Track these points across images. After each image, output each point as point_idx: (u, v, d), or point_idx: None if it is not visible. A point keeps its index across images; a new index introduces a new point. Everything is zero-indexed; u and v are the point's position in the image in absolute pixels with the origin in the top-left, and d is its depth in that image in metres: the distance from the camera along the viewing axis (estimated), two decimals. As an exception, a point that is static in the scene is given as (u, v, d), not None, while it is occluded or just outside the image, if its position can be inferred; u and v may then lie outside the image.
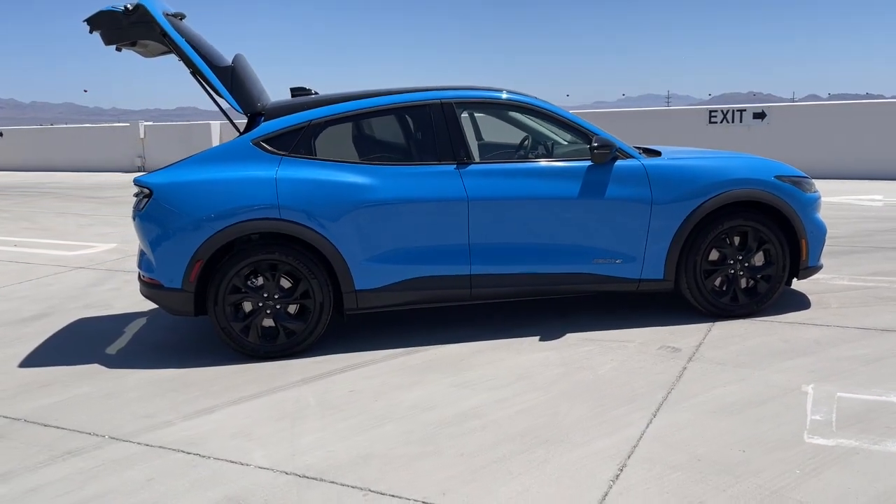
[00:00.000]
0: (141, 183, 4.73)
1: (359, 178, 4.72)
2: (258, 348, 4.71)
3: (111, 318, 5.91)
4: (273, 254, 4.64)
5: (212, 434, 3.67)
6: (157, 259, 4.67)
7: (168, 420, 3.87)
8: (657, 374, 4.20)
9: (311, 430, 3.68)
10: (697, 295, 5.08)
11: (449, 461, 3.29)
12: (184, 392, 4.25)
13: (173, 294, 4.67)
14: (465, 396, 4.01)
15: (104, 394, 4.28)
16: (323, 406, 3.97)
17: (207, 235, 4.57)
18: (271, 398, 4.11)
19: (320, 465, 3.30)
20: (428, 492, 3.03)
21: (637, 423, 3.59)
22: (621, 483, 3.04)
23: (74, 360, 4.89)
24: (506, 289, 4.93)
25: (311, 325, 4.73)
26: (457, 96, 4.96)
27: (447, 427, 3.64)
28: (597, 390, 4.02)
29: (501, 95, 5.08)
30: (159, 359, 4.83)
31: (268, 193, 4.62)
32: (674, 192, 4.94)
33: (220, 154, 4.77)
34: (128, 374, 4.60)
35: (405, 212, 4.72)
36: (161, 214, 4.62)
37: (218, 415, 3.92)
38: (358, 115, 4.93)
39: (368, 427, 3.68)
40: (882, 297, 5.57)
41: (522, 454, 3.32)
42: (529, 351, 4.68)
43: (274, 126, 4.80)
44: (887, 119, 12.82)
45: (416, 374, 4.36)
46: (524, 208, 4.84)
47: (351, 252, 4.69)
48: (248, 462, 3.36)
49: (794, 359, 4.35)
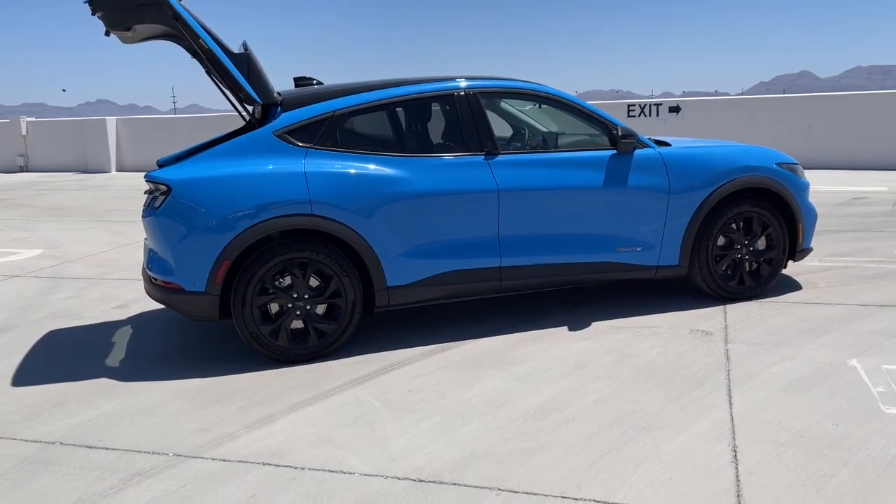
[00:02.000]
0: (156, 179, 4.36)
1: (389, 171, 4.55)
2: (288, 351, 4.46)
3: (89, 329, 5.43)
4: (304, 251, 4.40)
5: (290, 444, 3.44)
6: (178, 261, 4.32)
7: (230, 432, 3.60)
8: (705, 357, 4.29)
9: (394, 433, 3.52)
10: (709, 279, 5.23)
11: (561, 455, 3.22)
12: (226, 402, 3.96)
13: (196, 298, 4.34)
14: (532, 390, 3.94)
15: (136, 409, 3.93)
16: (390, 407, 3.80)
17: (235, 234, 4.28)
18: (328, 403, 3.90)
19: (430, 468, 3.15)
20: (561, 486, 2.96)
21: (719, 405, 3.65)
22: (744, 464, 3.07)
23: (74, 375, 4.45)
24: (534, 280, 4.90)
25: (342, 326, 4.53)
26: (481, 86, 4.88)
27: (534, 421, 3.57)
28: (658, 375, 4.06)
29: (526, 85, 5.04)
30: (173, 369, 4.49)
31: (298, 188, 4.37)
32: (689, 180, 5.06)
33: (241, 147, 4.47)
34: (147, 386, 4.24)
35: (438, 204, 4.60)
36: (182, 213, 4.28)
37: (281, 423, 3.67)
38: (382, 104, 4.75)
39: (454, 426, 3.55)
40: (858, 275, 5.94)
41: (629, 443, 3.31)
42: (566, 341, 4.67)
43: (296, 117, 4.55)
44: (793, 112, 13.70)
45: (466, 371, 4.26)
46: (552, 198, 4.83)
47: (383, 247, 4.52)
48: (350, 470, 3.17)
49: (820, 336, 4.56)
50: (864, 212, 8.95)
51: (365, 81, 4.91)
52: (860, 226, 8.04)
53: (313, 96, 4.66)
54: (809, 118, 13.36)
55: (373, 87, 4.77)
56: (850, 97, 13.82)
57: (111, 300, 6.14)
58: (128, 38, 4.93)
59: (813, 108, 13.62)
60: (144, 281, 4.69)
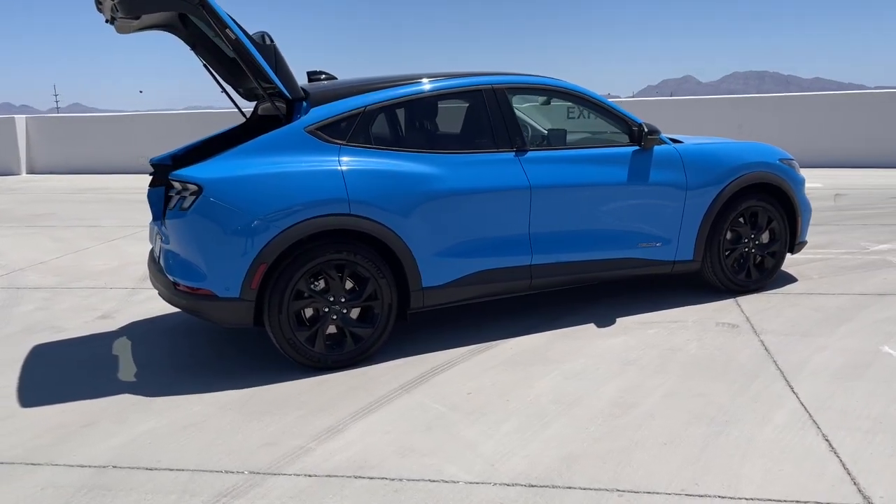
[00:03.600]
0: (184, 178, 4.06)
1: (424, 168, 4.42)
2: (326, 358, 4.25)
3: (79, 343, 5.03)
4: (341, 253, 4.20)
5: (372, 454, 3.27)
6: (210, 265, 4.04)
7: (300, 445, 3.38)
8: (744, 349, 4.37)
9: (476, 437, 3.40)
10: (720, 273, 5.34)
11: (659, 452, 3.19)
12: (279, 413, 3.73)
13: (230, 304, 4.07)
14: (593, 388, 3.90)
15: (182, 425, 3.64)
16: (459, 412, 3.67)
17: (272, 235, 4.04)
18: (390, 409, 3.74)
19: (535, 473, 3.06)
20: (678, 484, 2.93)
21: (786, 396, 3.71)
22: (843, 452, 3.12)
23: (89, 392, 4.10)
24: (563, 277, 4.86)
25: (379, 329, 4.36)
26: (508, 81, 4.81)
27: (614, 419, 3.52)
28: (709, 369, 4.09)
29: (553, 82, 5.00)
30: (200, 380, 4.20)
31: (336, 186, 4.17)
32: (704, 176, 5.15)
33: (272, 144, 4.23)
34: (182, 400, 3.95)
35: (472, 202, 4.50)
36: (214, 213, 4.01)
37: (351, 433, 3.49)
38: (412, 100, 4.60)
39: (535, 428, 3.46)
40: (841, 266, 6.20)
41: (720, 437, 3.31)
42: (600, 338, 4.65)
43: (327, 113, 4.35)
44: (682, 113, 14.35)
45: (516, 370, 4.18)
46: (580, 194, 4.81)
47: (419, 247, 4.38)
48: (452, 479, 3.04)
49: (840, 325, 4.72)
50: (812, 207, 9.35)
51: (388, 76, 4.75)
52: (817, 220, 8.37)
53: (341, 91, 4.46)
54: (702, 120, 13.98)
55: (398, 81, 4.61)
56: (746, 100, 14.65)
57: (88, 311, 5.71)
58: (129, 26, 4.60)
59: (700, 110, 14.38)
60: (162, 287, 4.36)
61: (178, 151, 5.17)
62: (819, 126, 13.57)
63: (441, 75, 4.75)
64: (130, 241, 8.44)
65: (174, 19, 4.83)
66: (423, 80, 4.65)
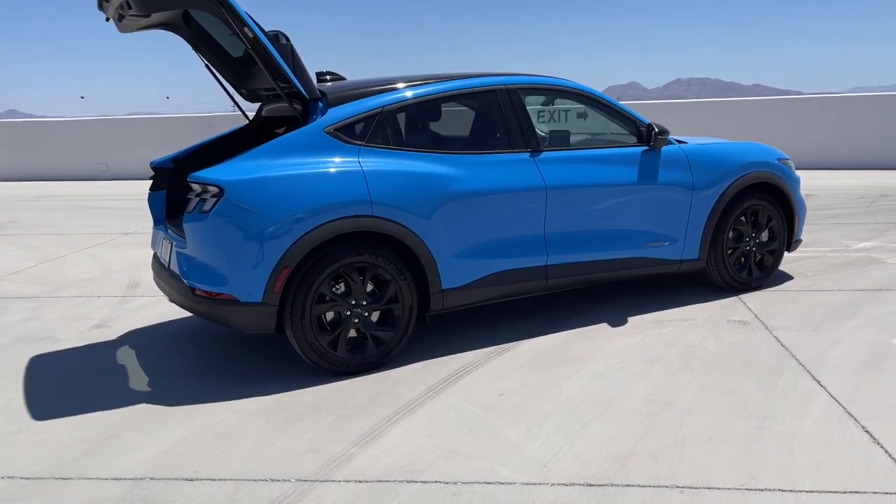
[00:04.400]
0: (205, 180, 3.94)
1: (444, 169, 4.38)
2: (348, 362, 4.18)
3: (79, 353, 4.85)
4: (363, 255, 4.14)
5: (419, 458, 3.21)
6: (232, 269, 3.94)
7: (342, 451, 3.31)
8: (762, 345, 4.43)
9: (520, 439, 3.37)
10: (724, 271, 5.42)
11: (708, 448, 3.20)
12: (311, 420, 3.65)
13: (252, 309, 3.97)
14: (624, 386, 3.91)
15: (212, 434, 3.53)
16: (494, 413, 3.64)
17: (295, 238, 3.96)
18: (424, 412, 3.68)
19: (589, 472, 3.04)
20: (735, 479, 2.94)
21: (815, 389, 3.77)
22: (886, 443, 3.17)
23: (104, 403, 3.96)
24: (576, 277, 4.87)
25: (400, 332, 4.30)
26: (521, 81, 4.81)
27: (653, 417, 3.53)
28: (733, 365, 4.14)
29: (564, 83, 5.01)
30: (218, 388, 4.09)
31: (358, 188, 4.11)
32: (709, 175, 5.22)
33: (291, 145, 4.14)
34: (206, 409, 3.83)
35: (491, 202, 4.48)
36: (237, 216, 3.91)
37: (391, 437, 3.43)
38: (429, 100, 4.57)
39: (577, 428, 3.45)
40: (831, 264, 6.35)
41: (763, 431, 3.34)
42: (616, 337, 4.67)
43: (346, 113, 4.28)
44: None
45: (541, 371, 4.16)
46: (593, 194, 4.83)
47: (439, 249, 4.34)
48: (507, 480, 3.00)
49: (847, 320, 4.82)
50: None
51: (399, 76, 4.70)
52: (795, 219, 8.59)
53: (357, 92, 4.40)
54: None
55: (413, 82, 4.57)
56: (689, 104, 15.05)
57: (81, 320, 5.52)
58: (133, 25, 4.48)
59: (644, 114, 14.71)
60: (175, 293, 4.23)
61: (180, 154, 5.05)
62: (756, 130, 13.85)
63: (453, 76, 4.73)
64: (106, 249, 8.21)
65: (177, 18, 4.71)
66: (437, 81, 4.62)
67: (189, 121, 16.12)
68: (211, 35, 4.84)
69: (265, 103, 5.14)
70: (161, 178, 4.97)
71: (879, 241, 7.25)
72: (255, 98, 5.19)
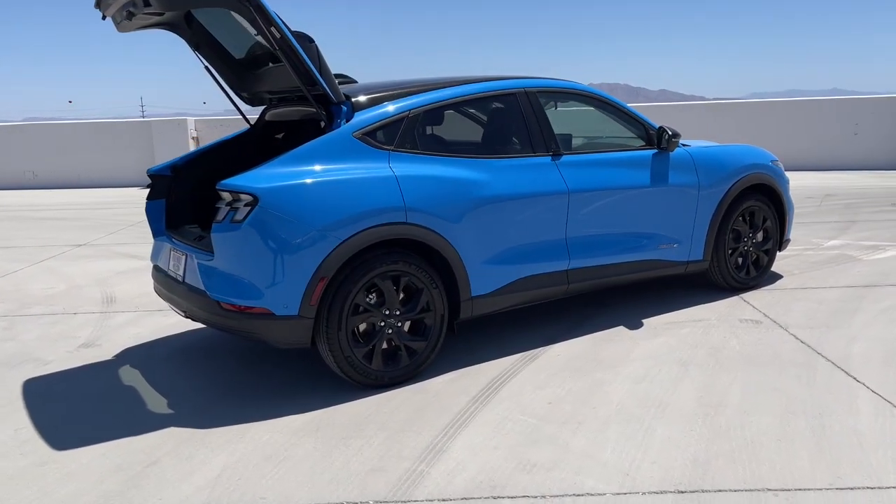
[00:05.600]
0: (236, 188, 3.73)
1: (471, 173, 4.29)
2: (383, 375, 4.03)
3: (76, 374, 4.53)
4: (397, 263, 4.00)
5: (495, 473, 3.10)
6: (267, 281, 3.73)
7: (410, 469, 3.17)
8: (783, 344, 4.51)
9: (590, 447, 3.30)
10: (725, 272, 5.51)
11: (779, 448, 3.22)
12: (362, 436, 3.49)
13: (288, 323, 3.78)
14: (670, 389, 3.90)
15: (261, 457, 3.34)
16: (553, 423, 3.57)
17: (332, 247, 3.79)
18: (480, 424, 3.58)
19: (674, 478, 3.00)
20: (822, 478, 2.95)
21: (854, 385, 3.85)
22: (945, 434, 3.26)
23: (124, 429, 3.68)
24: (595, 281, 4.85)
25: (432, 342, 4.18)
26: (540, 85, 4.77)
27: (712, 419, 3.53)
28: (765, 363, 4.19)
29: (579, 86, 4.99)
30: (249, 407, 3.87)
31: (392, 194, 3.97)
32: (712, 177, 5.30)
33: (321, 150, 3.96)
34: (244, 430, 3.62)
35: (518, 207, 4.42)
36: (272, 225, 3.71)
37: (457, 452, 3.31)
38: (453, 103, 4.46)
39: (641, 433, 3.41)
40: (812, 262, 6.56)
41: (824, 430, 3.37)
42: (640, 339, 4.68)
43: (374, 117, 4.13)
44: None
45: (580, 377, 4.12)
46: (611, 198, 4.83)
47: (469, 255, 4.25)
48: (597, 491, 2.93)
49: (853, 316, 4.97)
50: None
51: (427, 79, 4.58)
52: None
53: (381, 95, 4.26)
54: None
55: (434, 85, 4.46)
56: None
57: (65, 339, 5.17)
58: (134, 24, 4.22)
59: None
60: (196, 308, 3.98)
61: (179, 161, 4.79)
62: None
63: (471, 79, 4.64)
64: (62, 262, 7.74)
65: (179, 18, 4.48)
66: (457, 84, 4.52)
67: (95, 126, 15.40)
68: (213, 35, 4.61)
69: (269, 107, 4.92)
70: (159, 187, 4.71)
71: (846, 238, 7.53)
72: (256, 101, 4.97)
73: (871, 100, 14.34)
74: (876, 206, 9.70)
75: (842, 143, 13.96)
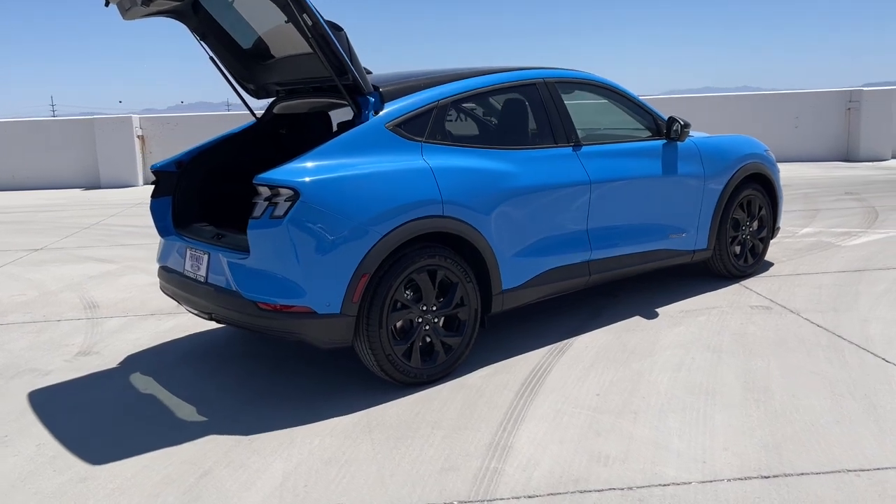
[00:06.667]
0: (277, 182, 3.55)
1: (501, 165, 4.23)
2: (422, 372, 3.93)
3: (84, 384, 4.27)
4: (434, 258, 3.91)
5: (571, 466, 3.05)
6: (309, 279, 3.58)
7: (482, 466, 3.09)
8: (800, 328, 4.60)
9: (654, 435, 3.29)
10: (726, 260, 5.60)
11: (843, 429, 3.27)
12: (419, 437, 3.39)
13: (329, 322, 3.63)
14: (711, 375, 3.93)
15: (319, 461, 3.20)
16: (608, 413, 3.54)
17: (373, 242, 3.67)
18: (535, 419, 3.52)
19: (752, 463, 3.01)
20: (888, 460, 3.01)
21: (885, 365, 3.96)
22: None
23: (159, 440, 3.48)
24: (613, 272, 4.86)
25: (466, 337, 4.11)
26: (557, 75, 4.73)
27: (765, 403, 3.56)
28: (792, 347, 4.27)
29: (594, 77, 4.98)
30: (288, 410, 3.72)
31: (429, 187, 3.88)
32: (715, 167, 5.38)
33: (356, 142, 3.83)
34: (289, 435, 3.47)
35: (544, 198, 4.38)
36: (314, 220, 3.56)
37: (523, 447, 3.24)
38: (478, 93, 4.39)
39: (700, 420, 3.42)
40: (795, 248, 6.75)
41: (876, 409, 3.44)
42: (661, 329, 4.70)
43: (404, 108, 4.02)
44: None
45: (619, 367, 4.10)
46: (628, 188, 4.84)
47: (501, 248, 4.19)
48: (679, 480, 2.91)
49: (856, 299, 5.12)
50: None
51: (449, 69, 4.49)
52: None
53: (408, 85, 4.15)
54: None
55: (455, 76, 4.37)
56: None
57: (57, 348, 4.87)
58: (141, 12, 4.01)
59: None
60: (225, 310, 3.79)
61: (184, 157, 4.57)
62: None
63: (488, 70, 4.57)
64: (24, 267, 7.32)
65: (186, 6, 4.27)
66: (479, 74, 4.45)
67: (32, 125, 14.70)
68: (220, 24, 4.41)
69: (277, 100, 4.74)
70: (165, 183, 4.48)
71: (817, 226, 7.78)
72: (262, 94, 4.78)
73: (811, 94, 14.89)
74: (831, 195, 10.06)
75: (784, 137, 14.44)
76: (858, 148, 14.37)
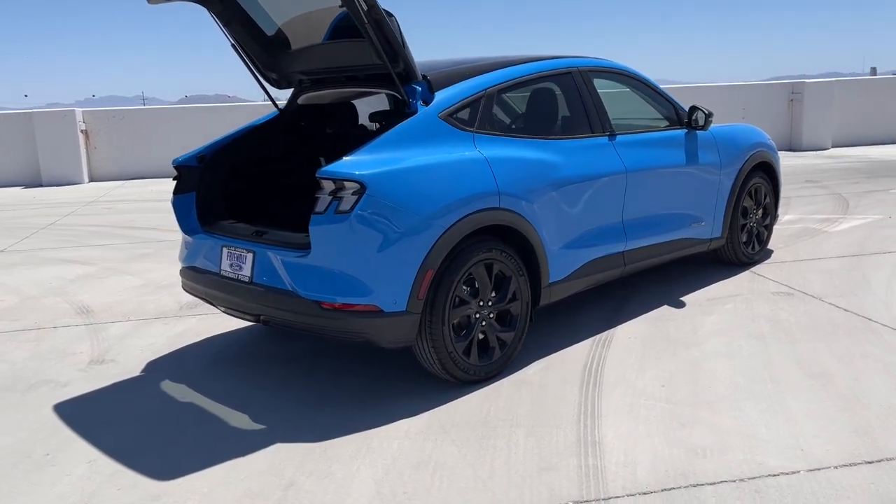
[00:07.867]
0: (341, 175, 3.37)
1: (547, 155, 4.15)
2: (480, 369, 3.82)
3: (107, 394, 4.00)
4: (490, 252, 3.81)
5: (671, 460, 3.01)
6: (376, 275, 3.42)
7: (580, 464, 3.02)
8: (829, 313, 4.68)
9: (739, 426, 3.27)
10: (738, 248, 5.68)
11: (916, 411, 3.32)
12: (498, 437, 3.28)
13: (396, 320, 3.48)
14: (763, 362, 3.96)
15: (408, 466, 3.06)
16: (681, 404, 3.51)
17: (437, 236, 3.54)
18: (611, 413, 3.46)
19: (849, 449, 3.03)
20: (979, 436, 3.07)
21: (928, 347, 4.06)
22: None
23: (221, 451, 3.28)
24: (644, 262, 4.85)
25: (519, 331, 4.02)
26: (590, 64, 4.68)
27: (832, 389, 3.59)
28: (831, 332, 4.34)
29: (621, 66, 4.94)
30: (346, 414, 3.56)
31: (486, 179, 3.77)
32: (729, 156, 5.44)
33: (411, 132, 3.68)
34: (359, 439, 3.31)
35: (588, 189, 4.33)
36: (381, 215, 3.40)
37: (612, 443, 3.17)
38: (521, 82, 4.29)
39: (778, 408, 3.43)
40: (788, 235, 6.89)
41: (939, 389, 3.53)
42: (695, 316, 4.72)
43: (454, 97, 3.89)
44: None
45: (672, 357, 4.10)
46: (658, 178, 4.84)
47: (549, 240, 4.12)
48: (791, 470, 2.90)
49: (869, 283, 5.25)
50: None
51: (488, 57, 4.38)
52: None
53: (455, 73, 4.03)
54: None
55: (496, 63, 4.27)
56: None
57: (64, 357, 4.55)
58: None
59: None
60: (279, 312, 3.60)
61: (205, 151, 4.33)
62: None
63: (523, 59, 4.47)
64: (-9, 272, 6.85)
65: None
66: (517, 63, 4.35)
67: None
68: (245, 11, 4.19)
69: (301, 90, 4.53)
70: (188, 179, 4.23)
71: (796, 213, 8.00)
72: (285, 84, 4.56)
73: (757, 86, 15.34)
74: (793, 183, 10.34)
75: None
76: (801, 137, 14.87)
